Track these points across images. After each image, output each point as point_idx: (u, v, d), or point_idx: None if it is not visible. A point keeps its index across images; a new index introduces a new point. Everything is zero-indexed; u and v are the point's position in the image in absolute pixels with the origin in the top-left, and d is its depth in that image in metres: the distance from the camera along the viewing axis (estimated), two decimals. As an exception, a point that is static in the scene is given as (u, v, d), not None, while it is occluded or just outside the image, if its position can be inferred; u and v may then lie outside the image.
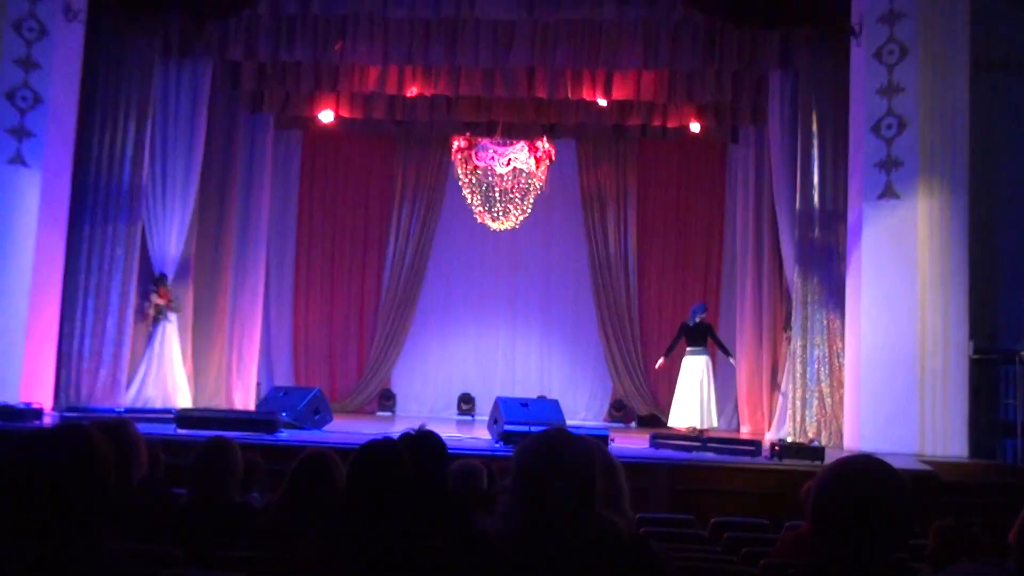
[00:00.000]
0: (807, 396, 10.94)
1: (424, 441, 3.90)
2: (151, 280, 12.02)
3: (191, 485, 4.03)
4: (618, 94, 12.26)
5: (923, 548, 4.51)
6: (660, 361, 12.42)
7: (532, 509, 2.25)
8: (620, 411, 14.37)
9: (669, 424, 12.14)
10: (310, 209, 14.95)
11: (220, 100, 12.83)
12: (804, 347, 11.05)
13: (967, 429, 9.65)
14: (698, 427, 11.75)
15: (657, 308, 14.65)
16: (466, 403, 14.44)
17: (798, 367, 11.06)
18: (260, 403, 11.93)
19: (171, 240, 12.11)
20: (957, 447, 9.58)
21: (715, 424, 12.07)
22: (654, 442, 9.45)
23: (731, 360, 12.55)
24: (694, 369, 11.99)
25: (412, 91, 12.44)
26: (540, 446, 2.32)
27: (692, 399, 11.89)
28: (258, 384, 13.62)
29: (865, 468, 2.25)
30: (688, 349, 12.13)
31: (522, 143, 13.21)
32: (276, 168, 14.44)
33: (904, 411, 9.67)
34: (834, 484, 2.22)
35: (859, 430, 9.87)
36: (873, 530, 2.18)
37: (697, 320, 12.11)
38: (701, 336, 12.10)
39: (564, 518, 2.23)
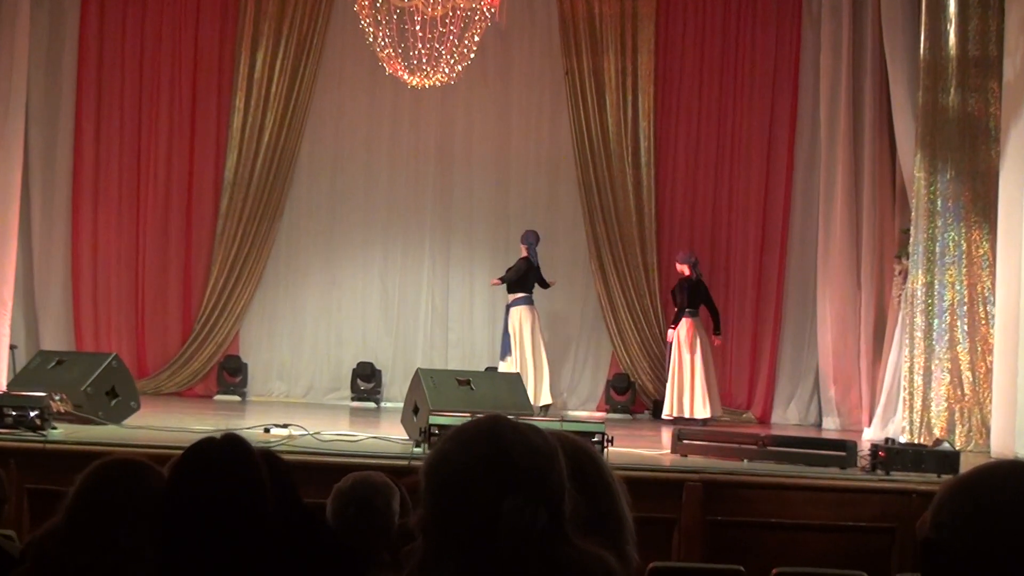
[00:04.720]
0: (932, 368, 11.08)
1: (234, 454, 3.90)
2: None
3: None
4: None
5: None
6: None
7: (461, 551, 2.27)
8: (624, 394, 14.50)
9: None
10: (99, 56, 14.74)
11: None
12: (929, 287, 11.16)
13: None
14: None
15: (686, 221, 14.70)
16: (366, 380, 14.47)
17: (919, 320, 11.19)
18: (15, 379, 11.89)
19: None
20: None
21: (550, 401, 13.28)
22: (680, 444, 9.55)
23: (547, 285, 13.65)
24: (523, 325, 13.28)
25: None
26: (468, 445, 2.33)
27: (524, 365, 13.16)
28: (12, 348, 13.53)
29: (1012, 482, 2.27)
30: (512, 298, 13.39)
31: (460, -60, 13.12)
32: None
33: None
34: (960, 509, 2.24)
35: (1016, 423, 10.03)
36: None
37: (525, 256, 13.33)
38: (528, 281, 13.33)
39: (517, 561, 2.25)
